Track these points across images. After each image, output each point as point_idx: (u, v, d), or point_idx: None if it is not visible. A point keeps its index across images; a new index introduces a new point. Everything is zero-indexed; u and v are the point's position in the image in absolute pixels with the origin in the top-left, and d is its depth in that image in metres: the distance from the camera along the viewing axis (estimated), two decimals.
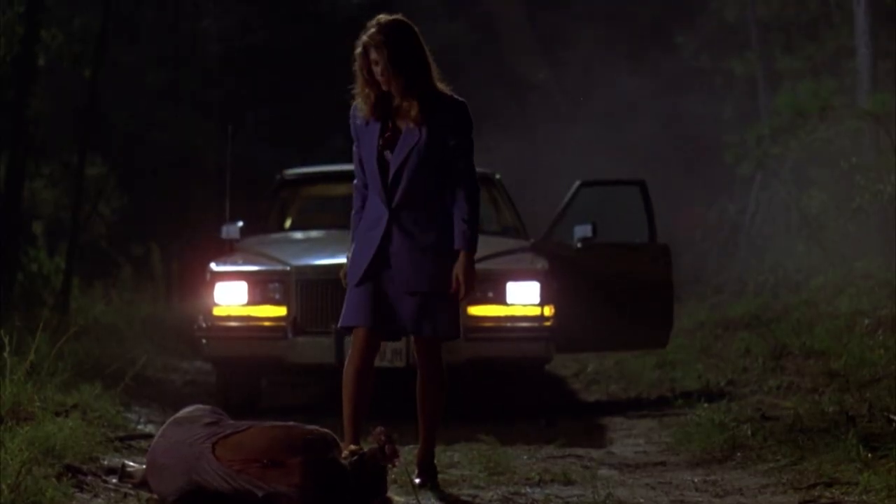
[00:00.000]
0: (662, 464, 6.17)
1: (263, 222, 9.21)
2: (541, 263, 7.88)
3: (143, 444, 6.26)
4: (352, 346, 5.31)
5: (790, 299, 12.02)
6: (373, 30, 5.18)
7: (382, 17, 5.21)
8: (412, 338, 5.41)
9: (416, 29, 5.23)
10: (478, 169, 10.01)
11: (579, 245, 8.56)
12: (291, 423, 4.87)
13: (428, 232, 5.23)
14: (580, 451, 6.52)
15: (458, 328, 5.33)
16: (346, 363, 5.30)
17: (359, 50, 5.21)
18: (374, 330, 5.24)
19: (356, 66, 5.23)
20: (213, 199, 15.13)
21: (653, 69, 20.71)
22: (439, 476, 5.52)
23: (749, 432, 6.41)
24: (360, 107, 5.27)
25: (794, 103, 14.45)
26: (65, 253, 12.00)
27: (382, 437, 4.72)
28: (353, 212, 5.40)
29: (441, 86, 5.24)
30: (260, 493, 4.61)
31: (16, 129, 10.51)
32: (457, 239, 5.23)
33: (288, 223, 9.61)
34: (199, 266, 8.45)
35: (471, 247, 5.22)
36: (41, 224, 14.14)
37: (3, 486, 4.48)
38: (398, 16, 5.22)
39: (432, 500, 5.17)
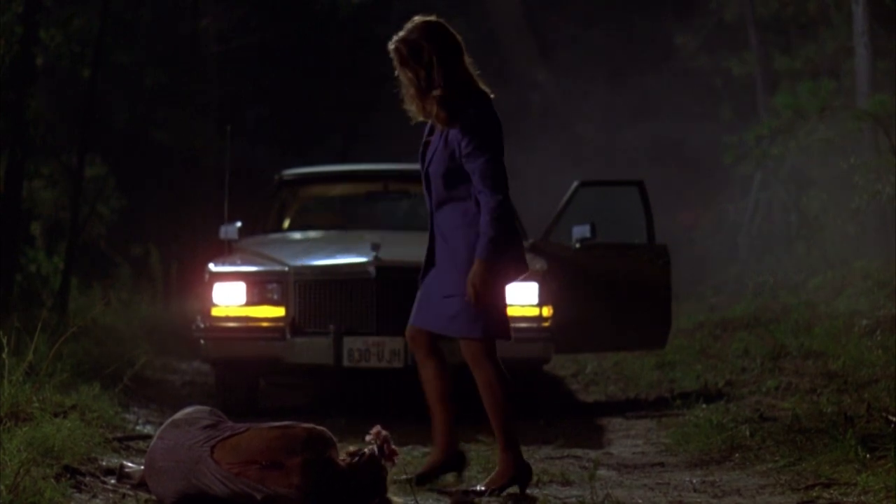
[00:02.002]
0: (661, 464, 6.17)
1: (262, 223, 9.20)
2: (539, 264, 7.88)
3: (142, 444, 6.27)
4: None
5: (789, 300, 12.03)
6: (421, 33, 5.18)
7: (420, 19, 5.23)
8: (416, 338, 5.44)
9: None
10: None
11: (578, 245, 8.56)
12: (289, 422, 4.87)
13: (455, 237, 5.27)
14: (578, 452, 6.52)
15: (478, 328, 5.29)
16: None
17: (405, 51, 5.20)
18: (417, 327, 5.38)
19: (409, 70, 5.22)
20: (212, 200, 15.15)
21: (652, 69, 20.72)
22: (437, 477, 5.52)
23: (747, 433, 6.41)
24: (414, 110, 5.31)
25: (793, 103, 14.45)
26: (63, 253, 12.00)
27: (380, 437, 4.73)
28: None
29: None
30: (259, 496, 4.61)
31: (15, 129, 10.50)
32: (476, 247, 5.24)
33: (286, 223, 9.61)
34: (197, 266, 8.45)
35: (484, 255, 5.18)
36: (40, 224, 14.12)
37: (2, 487, 4.48)
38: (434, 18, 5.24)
39: (431, 500, 5.17)
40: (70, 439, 5.54)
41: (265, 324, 7.68)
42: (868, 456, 5.43)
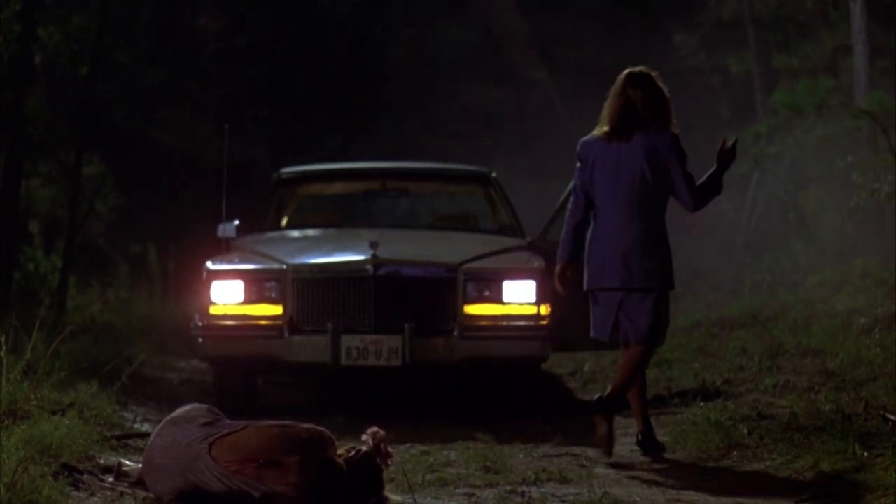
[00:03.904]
0: (659, 462, 6.17)
1: (260, 221, 9.19)
2: (537, 262, 7.88)
3: (140, 442, 6.27)
4: None
5: (787, 298, 12.02)
6: None
7: None
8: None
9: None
10: (474, 167, 10.03)
11: None
12: (287, 422, 4.87)
13: None
14: (576, 450, 6.53)
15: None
16: None
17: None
18: None
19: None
20: (211, 198, 15.14)
21: (651, 68, 20.67)
22: (435, 475, 5.52)
23: (745, 431, 6.42)
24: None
25: (790, 102, 14.44)
26: (62, 252, 11.99)
27: (377, 437, 4.73)
28: None
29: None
30: (257, 494, 4.61)
31: (13, 127, 10.49)
32: None
33: (284, 222, 9.60)
34: (195, 265, 8.44)
35: None
36: (38, 223, 14.13)
37: (0, 485, 4.48)
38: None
39: (429, 498, 5.17)
40: (68, 437, 5.54)
41: (263, 322, 7.67)
42: (866, 454, 5.44)
